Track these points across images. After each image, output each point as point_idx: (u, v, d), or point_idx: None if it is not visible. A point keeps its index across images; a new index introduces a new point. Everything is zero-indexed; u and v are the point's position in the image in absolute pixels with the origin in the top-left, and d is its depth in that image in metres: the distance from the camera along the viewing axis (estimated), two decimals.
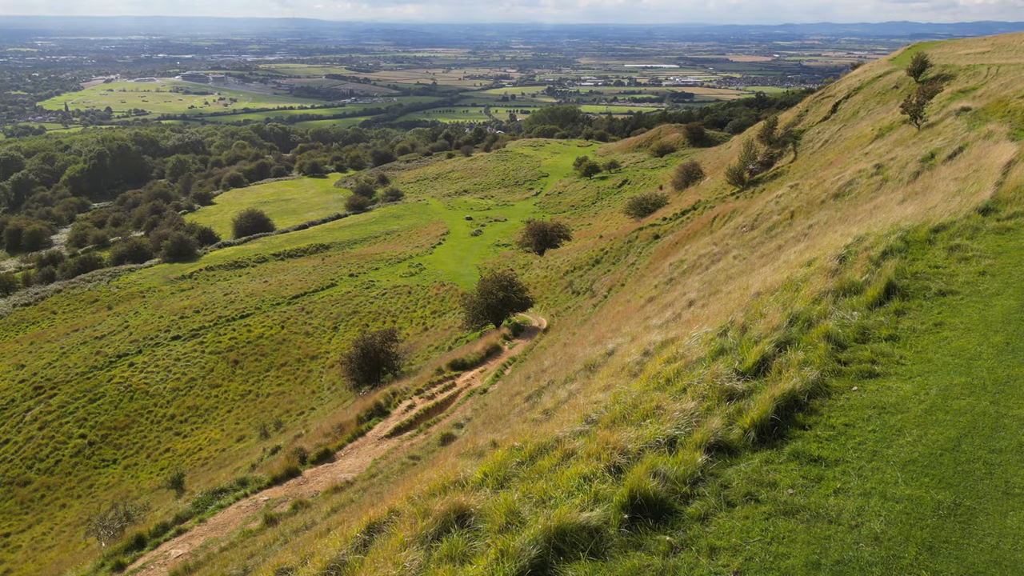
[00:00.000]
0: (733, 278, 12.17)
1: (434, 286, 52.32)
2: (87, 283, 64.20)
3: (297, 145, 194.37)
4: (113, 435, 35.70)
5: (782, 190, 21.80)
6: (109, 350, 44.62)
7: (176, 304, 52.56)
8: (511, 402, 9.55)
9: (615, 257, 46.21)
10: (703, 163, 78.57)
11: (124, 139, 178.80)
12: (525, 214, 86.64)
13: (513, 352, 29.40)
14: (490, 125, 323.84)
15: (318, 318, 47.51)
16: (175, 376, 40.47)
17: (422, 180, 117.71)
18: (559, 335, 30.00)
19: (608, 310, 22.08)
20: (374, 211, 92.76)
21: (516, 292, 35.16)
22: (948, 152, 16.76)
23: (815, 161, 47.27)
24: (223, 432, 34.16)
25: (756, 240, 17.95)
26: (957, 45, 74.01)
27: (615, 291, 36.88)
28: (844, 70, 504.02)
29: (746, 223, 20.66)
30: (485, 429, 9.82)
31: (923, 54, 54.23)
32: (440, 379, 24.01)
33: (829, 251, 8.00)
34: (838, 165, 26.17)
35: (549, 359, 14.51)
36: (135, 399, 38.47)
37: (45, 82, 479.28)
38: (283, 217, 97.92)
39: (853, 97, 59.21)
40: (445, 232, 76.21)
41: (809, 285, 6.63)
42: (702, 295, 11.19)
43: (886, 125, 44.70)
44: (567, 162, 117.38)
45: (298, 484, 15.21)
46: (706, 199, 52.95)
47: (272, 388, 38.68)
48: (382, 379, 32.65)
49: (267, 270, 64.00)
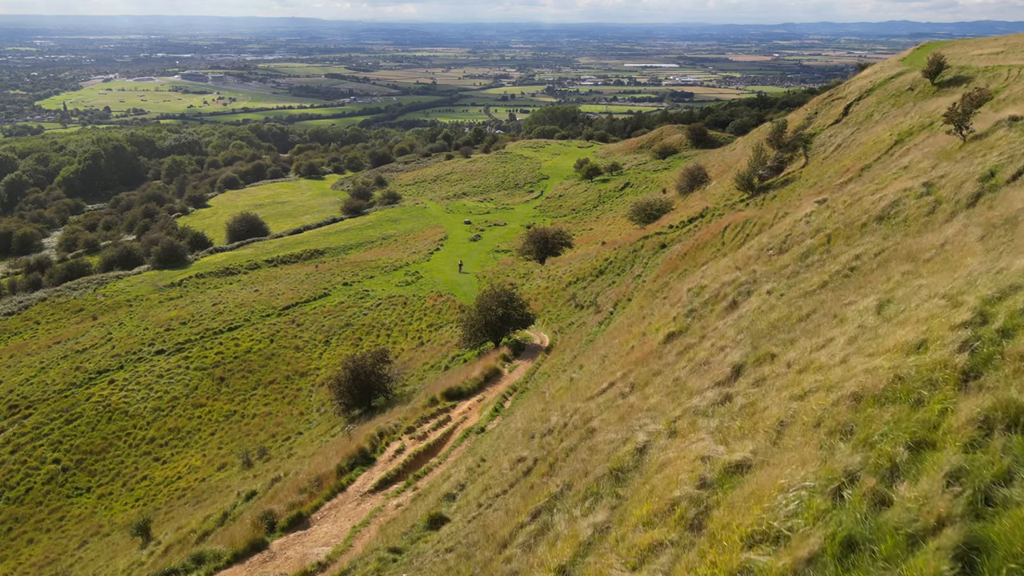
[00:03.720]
0: (783, 331, 10.10)
1: (431, 296, 50.24)
2: (73, 291, 62.14)
3: (295, 146, 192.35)
4: (88, 460, 33.63)
5: (809, 207, 19.74)
6: (90, 365, 42.56)
7: (162, 315, 50.49)
8: (511, 520, 7.56)
9: (620, 267, 44.15)
10: (707, 166, 76.48)
11: (119, 139, 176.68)
12: (525, 218, 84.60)
13: (513, 377, 27.36)
14: (489, 125, 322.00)
15: (309, 331, 45.43)
16: (157, 394, 38.39)
17: (420, 182, 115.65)
18: (563, 356, 27.96)
19: (618, 340, 20.03)
20: (371, 215, 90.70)
21: (517, 308, 33.11)
22: (1011, 171, 14.71)
23: (829, 167, 45.20)
24: (204, 458, 32.08)
25: (790, 269, 15.90)
26: (968, 45, 71.93)
27: (621, 306, 34.82)
28: (844, 69, 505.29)
29: (772, 244, 18.58)
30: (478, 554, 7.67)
31: (939, 55, 52.11)
32: (434, 412, 21.95)
33: (937, 328, 5.95)
34: (867, 178, 24.11)
35: (557, 414, 12.50)
36: (113, 420, 36.40)
37: (44, 81, 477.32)
38: (278, 220, 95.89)
39: (865, 99, 57.12)
40: (443, 237, 74.14)
41: (940, 400, 4.62)
42: (748, 358, 9.12)
43: (905, 130, 42.66)
44: (568, 164, 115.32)
45: (263, 561, 13.09)
46: (714, 205, 50.87)
47: (259, 408, 36.60)
48: (374, 402, 30.65)
49: (259, 277, 61.92)
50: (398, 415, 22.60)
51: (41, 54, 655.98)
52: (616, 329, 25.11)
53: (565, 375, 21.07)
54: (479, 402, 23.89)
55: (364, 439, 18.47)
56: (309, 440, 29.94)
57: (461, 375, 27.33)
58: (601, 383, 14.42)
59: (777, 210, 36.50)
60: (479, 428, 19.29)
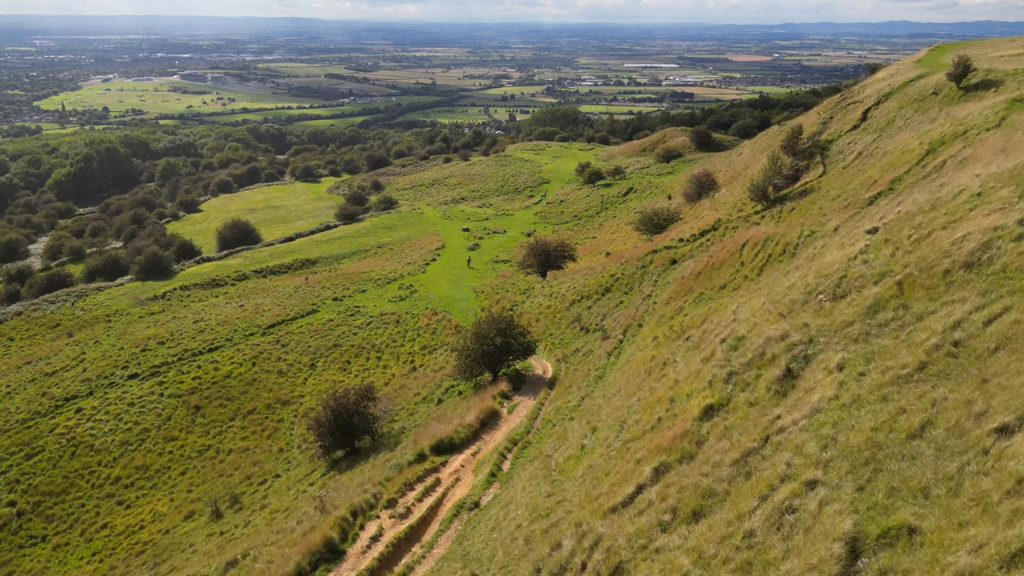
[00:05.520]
0: (895, 458, 7.22)
1: (425, 314, 47.16)
2: (50, 304, 59.10)
3: (292, 147, 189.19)
4: (47, 502, 30.61)
5: (864, 240, 16.72)
6: (57, 391, 39.52)
7: (140, 333, 47.47)
8: None
9: (627, 285, 41.10)
10: (715, 172, 73.41)
11: (112, 141, 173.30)
12: (525, 225, 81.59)
13: (513, 420, 24.34)
14: (489, 125, 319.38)
15: (294, 352, 42.36)
16: (126, 425, 35.33)
17: (418, 186, 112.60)
18: (569, 397, 24.95)
19: (637, 397, 17.04)
20: (365, 221, 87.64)
21: (517, 337, 30.07)
22: None
23: (852, 178, 42.16)
24: (172, 503, 29.04)
25: (857, 330, 13.00)
26: (986, 46, 68.97)
27: (631, 333, 31.80)
28: (844, 69, 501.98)
29: (822, 286, 15.62)
30: None
31: (965, 57, 49.08)
32: (421, 473, 18.96)
33: None
34: (916, 200, 21.12)
35: (570, 536, 9.54)
36: (77, 455, 33.36)
37: (43, 81, 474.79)
38: (271, 226, 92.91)
39: (885, 104, 54.07)
40: (440, 246, 71.11)
41: None
42: (866, 529, 6.13)
43: (936, 139, 39.67)
44: (569, 167, 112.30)
45: None
46: (726, 217, 47.80)
47: (235, 443, 33.54)
48: (358, 443, 27.66)
49: (246, 290, 58.88)
50: (380, 475, 19.59)
51: (40, 54, 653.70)
52: (631, 372, 22.10)
53: (574, 435, 18.08)
54: (473, 456, 20.88)
55: (332, 524, 15.43)
56: (285, 487, 26.91)
57: (454, 418, 24.31)
58: (625, 482, 11.39)
59: (801, 227, 33.52)
60: (472, 503, 16.31)
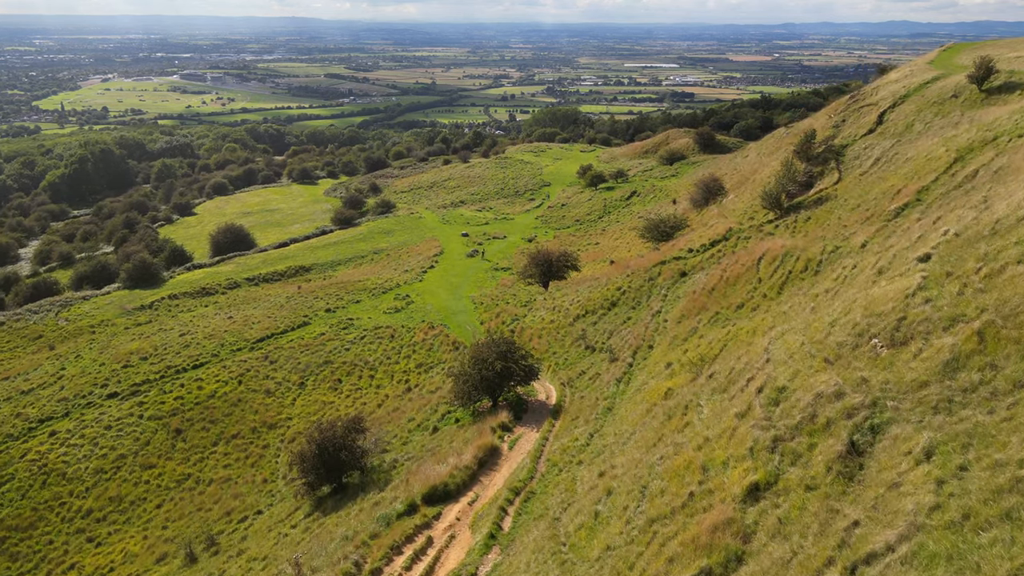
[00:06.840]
0: None
1: (422, 328, 44.93)
2: (34, 314, 56.87)
3: (290, 148, 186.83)
4: (12, 538, 28.42)
5: (919, 271, 14.54)
6: (32, 411, 37.34)
7: (124, 347, 45.28)
8: None
9: (635, 299, 38.89)
10: (721, 176, 71.22)
11: (107, 142, 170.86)
12: (526, 230, 79.38)
13: (515, 458, 22.14)
14: (489, 125, 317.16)
15: (283, 370, 40.15)
16: (102, 451, 33.15)
17: (416, 189, 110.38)
18: (576, 432, 22.76)
19: (660, 455, 14.89)
20: (362, 225, 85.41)
21: (518, 361, 27.86)
22: None
23: (872, 186, 39.93)
24: (144, 542, 26.86)
25: (935, 394, 10.90)
26: (1001, 47, 66.78)
27: (642, 355, 29.60)
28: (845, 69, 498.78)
29: (874, 328, 13.54)
30: None
31: (988, 58, 46.83)
32: (411, 532, 16.81)
33: None
34: (959, 217, 18.90)
35: None
36: (48, 484, 31.18)
37: (42, 81, 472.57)
38: (266, 230, 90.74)
39: (901, 106, 51.85)
40: (438, 252, 68.89)
41: None
42: None
43: (963, 145, 37.43)
44: (570, 169, 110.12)
45: None
46: (737, 226, 45.58)
47: (217, 471, 31.36)
48: (346, 478, 25.47)
49: (237, 299, 56.69)
50: (366, 529, 17.45)
51: (40, 54, 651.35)
52: (644, 407, 19.90)
53: (584, 489, 15.94)
54: (470, 505, 18.70)
55: None
56: (267, 528, 24.72)
57: (450, 455, 22.12)
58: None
59: (823, 242, 31.30)
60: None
